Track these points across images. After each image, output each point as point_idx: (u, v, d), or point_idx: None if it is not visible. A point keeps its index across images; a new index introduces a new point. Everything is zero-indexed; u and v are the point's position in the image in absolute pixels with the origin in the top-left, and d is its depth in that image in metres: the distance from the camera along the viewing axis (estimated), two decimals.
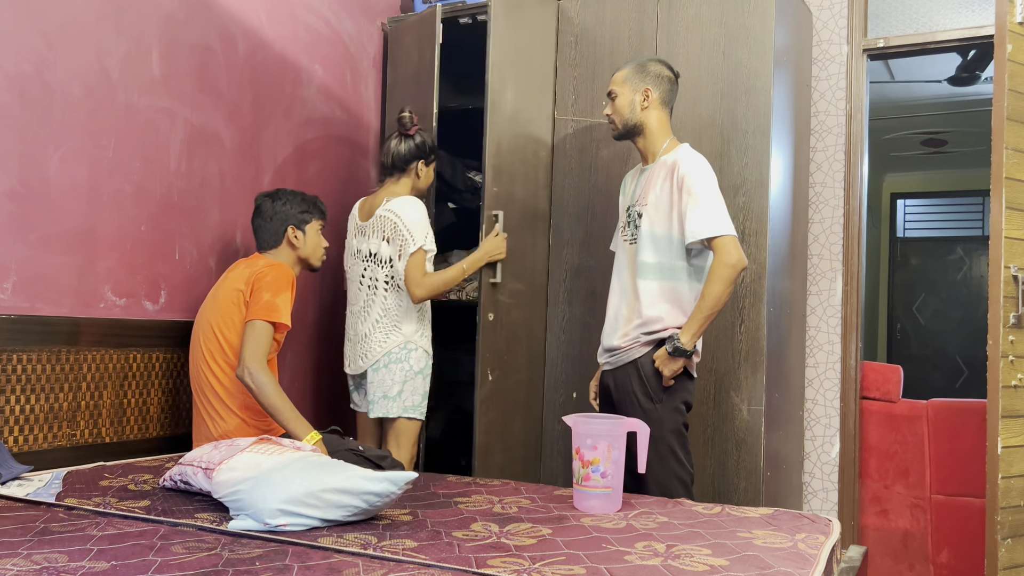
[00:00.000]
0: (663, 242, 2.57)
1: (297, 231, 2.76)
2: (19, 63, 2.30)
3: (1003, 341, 2.73)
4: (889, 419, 3.61)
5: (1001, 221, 2.75)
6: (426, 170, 2.99)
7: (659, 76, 2.65)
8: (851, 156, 3.57)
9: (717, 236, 2.47)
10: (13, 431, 2.28)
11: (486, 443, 3.06)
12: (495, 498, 2.23)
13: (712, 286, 2.46)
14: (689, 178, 2.52)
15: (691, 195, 2.50)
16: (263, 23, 3.08)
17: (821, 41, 3.63)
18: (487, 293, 3.05)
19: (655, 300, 2.56)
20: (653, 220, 2.58)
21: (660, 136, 2.67)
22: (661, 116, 2.67)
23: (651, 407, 2.53)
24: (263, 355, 2.49)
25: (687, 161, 2.56)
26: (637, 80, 2.65)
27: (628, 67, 2.68)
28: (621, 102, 2.66)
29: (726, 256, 2.46)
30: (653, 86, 2.64)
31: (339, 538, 1.73)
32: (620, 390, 2.61)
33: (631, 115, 2.65)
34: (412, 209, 2.87)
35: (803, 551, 1.77)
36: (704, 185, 2.51)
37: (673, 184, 2.55)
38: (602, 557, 1.69)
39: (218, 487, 1.90)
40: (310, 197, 2.82)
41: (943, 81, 5.23)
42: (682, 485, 2.54)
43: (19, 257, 2.31)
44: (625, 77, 2.67)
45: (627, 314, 2.61)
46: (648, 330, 2.56)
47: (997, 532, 2.69)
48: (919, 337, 7.73)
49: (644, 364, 2.56)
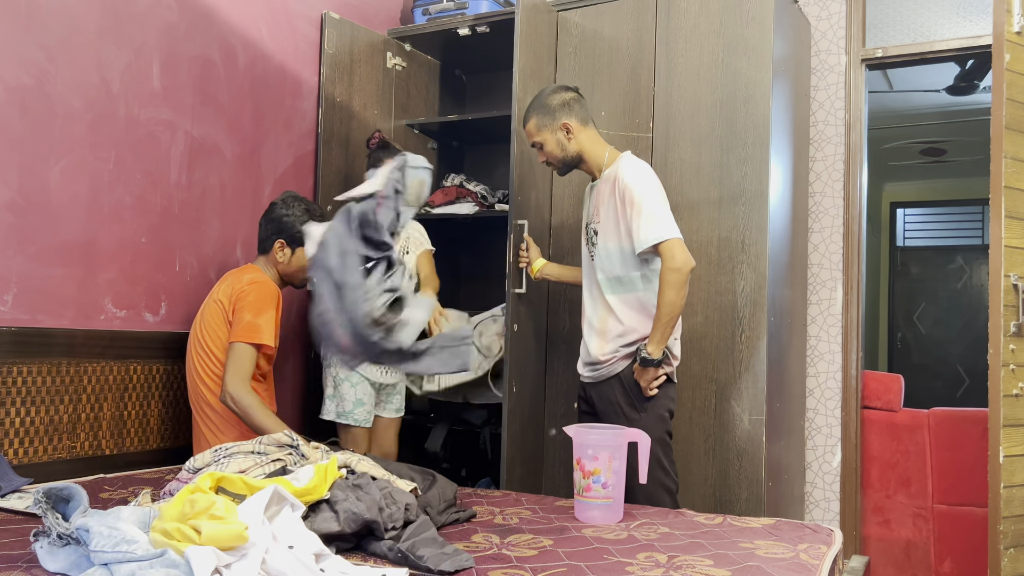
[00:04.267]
0: (618, 255, 2.61)
1: (285, 247, 2.73)
2: (20, 76, 2.30)
3: (1004, 350, 2.72)
4: (890, 428, 3.60)
5: (1001, 230, 2.75)
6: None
7: (565, 104, 2.67)
8: (850, 165, 3.57)
9: (662, 241, 2.50)
10: (13, 443, 2.28)
11: (511, 455, 3.04)
12: (496, 509, 2.22)
13: (664, 293, 2.48)
14: (629, 190, 2.55)
15: (633, 205, 2.54)
16: (263, 35, 3.09)
17: (820, 51, 3.64)
18: (513, 304, 3.04)
19: (625, 312, 2.60)
20: (606, 235, 2.63)
21: (597, 152, 2.70)
22: (590, 135, 2.70)
23: (636, 416, 2.57)
24: (245, 377, 2.49)
25: (626, 172, 2.59)
26: (549, 121, 2.67)
27: (534, 115, 2.68)
28: (549, 147, 2.69)
29: (671, 260, 2.48)
30: (567, 116, 2.66)
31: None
32: (603, 401, 2.65)
33: (564, 152, 2.69)
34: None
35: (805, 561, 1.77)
36: (644, 193, 2.54)
37: (616, 198, 2.59)
38: (603, 568, 1.69)
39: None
40: (320, 219, 2.74)
41: (941, 91, 5.24)
42: (668, 493, 2.57)
43: (20, 269, 2.31)
44: (537, 125, 2.68)
45: (601, 327, 2.65)
46: (626, 342, 2.60)
47: (1000, 542, 2.68)
48: (920, 346, 7.72)
49: (626, 376, 2.60)
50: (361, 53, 3.52)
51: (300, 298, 3.29)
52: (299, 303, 3.29)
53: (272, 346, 2.60)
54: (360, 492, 1.81)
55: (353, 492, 1.80)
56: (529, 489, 3.15)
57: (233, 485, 1.65)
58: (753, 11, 3.07)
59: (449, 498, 2.11)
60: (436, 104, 4.01)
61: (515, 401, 3.06)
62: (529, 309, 3.18)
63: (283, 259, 2.73)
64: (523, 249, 3.04)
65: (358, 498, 1.77)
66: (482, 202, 3.66)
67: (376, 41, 3.61)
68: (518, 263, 3.05)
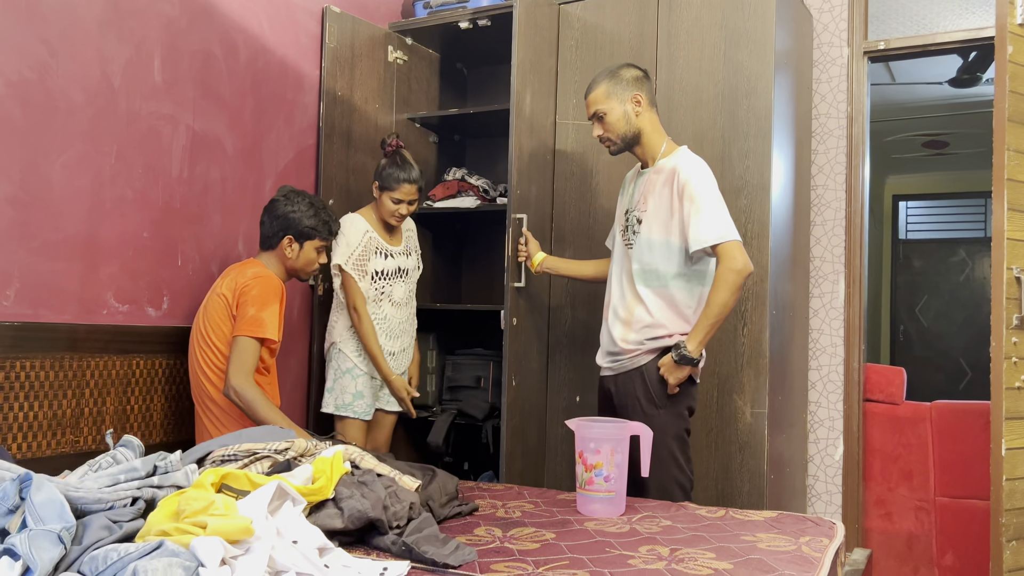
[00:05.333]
0: (662, 249, 2.55)
1: (294, 243, 2.73)
2: (21, 70, 2.30)
3: (1006, 343, 2.72)
4: (892, 421, 3.60)
5: (1003, 222, 2.74)
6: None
7: (637, 79, 2.61)
8: (852, 158, 3.56)
9: (722, 242, 2.45)
10: (16, 438, 2.28)
11: (511, 449, 3.04)
12: (498, 502, 2.23)
13: (718, 293, 2.43)
14: (690, 185, 2.49)
15: (693, 202, 2.47)
16: (264, 29, 3.09)
17: (822, 44, 3.63)
18: (512, 298, 3.04)
19: (656, 306, 2.54)
20: (652, 226, 2.57)
21: (657, 139, 2.64)
22: (652, 118, 2.64)
23: (654, 412, 2.52)
24: (248, 371, 2.50)
25: (687, 167, 2.53)
26: (620, 90, 2.59)
27: (603, 82, 2.61)
28: (613, 118, 2.60)
29: (731, 262, 2.43)
30: (638, 90, 2.60)
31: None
32: (622, 395, 2.60)
33: (628, 127, 2.61)
34: (343, 226, 3.04)
35: (807, 554, 1.77)
36: (706, 191, 2.49)
37: (673, 190, 2.52)
38: (606, 561, 1.69)
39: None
40: (325, 213, 2.77)
41: (944, 83, 5.23)
42: (682, 490, 2.53)
43: (22, 264, 2.31)
44: (607, 92, 2.60)
45: (627, 317, 2.60)
46: (652, 336, 2.55)
47: (1002, 534, 2.68)
48: (922, 339, 7.72)
49: (649, 371, 2.55)
50: (362, 47, 3.51)
51: (303, 292, 3.30)
52: (302, 296, 3.29)
53: (275, 340, 2.61)
54: (365, 489, 1.81)
55: (358, 489, 1.80)
56: (531, 482, 3.16)
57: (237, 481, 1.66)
58: (755, 4, 3.07)
59: (451, 491, 2.12)
60: (437, 98, 4.00)
61: (515, 395, 3.07)
62: (530, 303, 3.18)
63: (292, 255, 2.73)
64: (522, 244, 3.03)
65: (363, 495, 1.77)
66: (484, 196, 3.66)
67: (377, 35, 3.60)
68: (517, 257, 3.04)
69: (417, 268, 3.26)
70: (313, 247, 2.76)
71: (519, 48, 3.09)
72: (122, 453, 1.81)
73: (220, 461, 1.90)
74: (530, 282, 3.14)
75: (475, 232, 4.09)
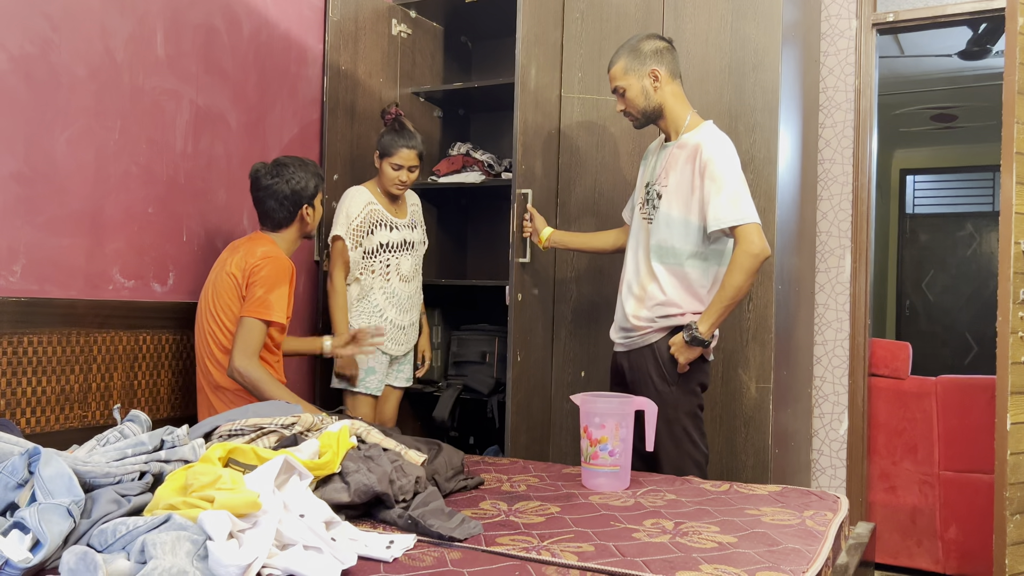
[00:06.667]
0: (680, 226, 2.52)
1: (309, 208, 2.72)
2: (24, 45, 2.29)
3: (1013, 317, 2.71)
4: (898, 396, 3.60)
5: (1012, 196, 2.73)
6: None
7: (657, 51, 2.56)
8: (860, 132, 3.54)
9: (740, 224, 2.41)
10: (25, 412, 2.30)
11: (516, 424, 3.05)
12: (504, 476, 2.24)
13: (733, 275, 2.41)
14: (712, 163, 2.45)
15: (714, 181, 2.44)
16: (267, 2, 3.07)
17: (830, 16, 3.59)
18: (517, 273, 3.04)
19: (671, 284, 2.52)
20: (672, 203, 2.53)
21: (680, 111, 2.59)
22: (675, 90, 2.59)
23: (666, 389, 2.52)
24: (253, 352, 2.50)
25: (711, 144, 2.48)
26: (638, 65, 2.56)
27: (623, 57, 2.58)
28: (632, 93, 2.58)
29: (749, 245, 2.40)
30: (657, 64, 2.56)
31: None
32: (635, 371, 2.60)
33: (647, 102, 2.58)
34: (345, 197, 3.08)
35: (811, 528, 1.78)
36: (728, 171, 2.44)
37: (696, 168, 2.48)
38: (610, 535, 1.70)
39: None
40: (312, 166, 2.73)
41: (953, 55, 5.17)
42: (696, 467, 2.53)
43: (27, 240, 2.32)
44: (625, 68, 2.57)
45: (640, 294, 2.58)
46: (664, 314, 2.53)
47: (1006, 508, 2.70)
48: (928, 314, 7.70)
49: (660, 348, 2.54)
50: (366, 20, 3.49)
51: (309, 267, 3.30)
52: (308, 272, 3.29)
53: (282, 323, 2.59)
54: (371, 464, 1.82)
55: (364, 464, 1.81)
56: (536, 457, 3.17)
57: (244, 456, 1.67)
58: None
59: (456, 465, 2.13)
60: (441, 72, 3.97)
61: (520, 370, 3.07)
62: (534, 279, 3.17)
63: (311, 219, 2.73)
64: (527, 220, 3.02)
65: (369, 469, 1.78)
66: (488, 171, 3.65)
67: (381, 8, 3.57)
68: (522, 233, 3.03)
69: (423, 242, 3.26)
70: (320, 201, 2.77)
71: (524, 20, 3.06)
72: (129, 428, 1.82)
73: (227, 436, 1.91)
74: (535, 257, 3.13)
75: (480, 207, 4.08)
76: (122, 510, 1.48)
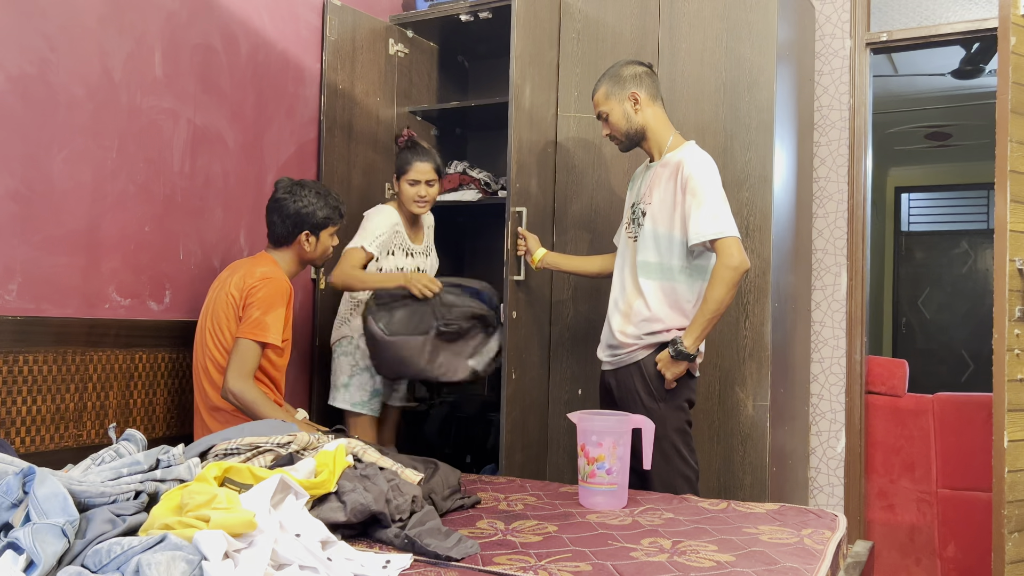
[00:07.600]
0: (664, 242, 2.57)
1: (311, 237, 2.70)
2: (22, 64, 2.30)
3: (1009, 335, 2.72)
4: (895, 413, 3.60)
5: (1006, 214, 2.74)
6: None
7: (636, 76, 2.64)
8: (855, 150, 3.56)
9: (720, 238, 2.46)
10: (20, 432, 2.29)
11: (511, 442, 3.05)
12: (500, 495, 2.23)
13: (714, 289, 2.45)
14: (693, 179, 2.51)
15: (695, 196, 2.49)
16: (265, 22, 3.08)
17: (824, 35, 3.62)
18: (512, 291, 3.04)
19: (656, 300, 2.56)
20: (656, 219, 2.58)
21: (662, 132, 2.66)
22: (656, 112, 2.66)
23: (654, 406, 2.53)
24: (248, 373, 2.49)
25: (691, 161, 2.55)
26: (619, 90, 2.64)
27: (604, 83, 2.67)
28: (615, 117, 2.65)
29: (728, 259, 2.45)
30: (636, 87, 2.63)
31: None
32: (622, 389, 2.62)
33: (629, 124, 2.65)
34: (373, 213, 3.06)
35: (809, 546, 1.77)
36: (708, 186, 2.50)
37: (677, 185, 2.54)
38: (608, 554, 1.69)
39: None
40: (333, 200, 2.74)
41: (947, 74, 5.21)
42: (687, 483, 2.54)
43: (24, 258, 2.32)
44: (607, 93, 2.66)
45: (626, 310, 2.62)
46: (650, 330, 2.56)
47: (1004, 526, 2.69)
48: (924, 331, 7.71)
49: (647, 365, 2.56)
50: (363, 40, 3.51)
51: (305, 285, 3.30)
52: (304, 290, 3.29)
53: (277, 345, 2.58)
54: (368, 483, 1.81)
55: (361, 483, 1.80)
56: (532, 475, 3.16)
57: (240, 475, 1.66)
58: None
59: (453, 484, 2.12)
60: (438, 91, 3.99)
61: (514, 388, 3.07)
62: (530, 297, 3.18)
63: (310, 248, 2.71)
64: (521, 239, 3.04)
65: (366, 489, 1.78)
66: (485, 189, 3.66)
67: (378, 27, 3.59)
68: (516, 251, 3.05)
69: (434, 267, 3.29)
70: (328, 234, 2.75)
71: (518, 40, 3.08)
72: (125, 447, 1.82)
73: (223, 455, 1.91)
74: (531, 276, 3.13)
75: (477, 226, 4.09)
76: (117, 530, 1.47)
